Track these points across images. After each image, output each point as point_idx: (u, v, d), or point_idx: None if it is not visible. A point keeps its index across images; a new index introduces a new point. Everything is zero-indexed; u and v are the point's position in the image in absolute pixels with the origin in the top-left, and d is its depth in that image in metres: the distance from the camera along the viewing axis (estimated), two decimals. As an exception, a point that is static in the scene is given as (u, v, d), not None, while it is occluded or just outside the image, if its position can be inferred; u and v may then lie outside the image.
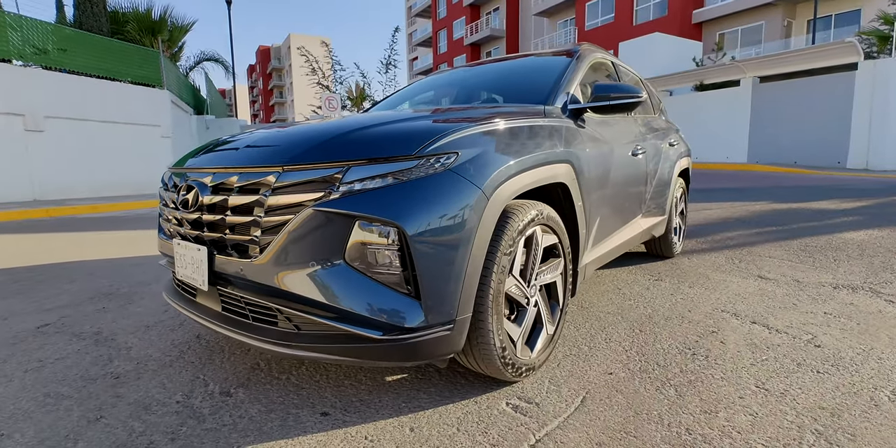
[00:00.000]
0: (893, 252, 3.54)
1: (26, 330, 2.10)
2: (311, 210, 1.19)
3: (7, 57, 8.21)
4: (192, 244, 1.43)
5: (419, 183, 1.21)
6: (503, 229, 1.38)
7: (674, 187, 3.29)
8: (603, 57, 2.68)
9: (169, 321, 2.21)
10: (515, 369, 1.48)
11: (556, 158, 1.66)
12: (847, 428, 1.31)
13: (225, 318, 1.41)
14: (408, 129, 1.35)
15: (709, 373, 1.65)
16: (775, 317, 2.24)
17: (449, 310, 1.24)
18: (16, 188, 8.01)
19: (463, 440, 1.25)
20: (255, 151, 1.41)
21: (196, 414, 1.38)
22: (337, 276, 1.19)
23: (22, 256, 3.86)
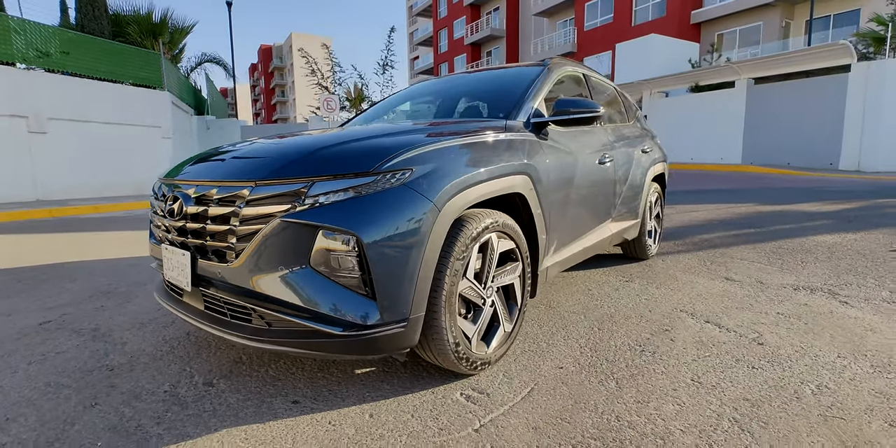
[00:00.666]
0: (862, 255, 3.67)
1: (29, 326, 2.27)
2: (279, 220, 1.35)
3: (11, 60, 8.39)
4: (178, 249, 1.59)
5: (376, 196, 1.36)
6: (456, 237, 1.53)
7: (647, 192, 3.43)
8: (573, 70, 2.82)
9: (162, 319, 2.38)
10: (470, 363, 1.64)
11: (513, 171, 1.81)
12: (763, 417, 1.46)
13: (207, 316, 1.57)
14: (367, 148, 1.51)
15: (651, 367, 1.81)
16: (729, 317, 2.39)
17: (403, 309, 1.39)
18: (19, 189, 8.20)
19: (415, 425, 1.41)
20: (233, 167, 1.57)
21: (180, 401, 1.54)
22: (303, 278, 1.35)
23: (25, 256, 4.03)
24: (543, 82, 2.36)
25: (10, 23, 8.37)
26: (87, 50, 9.48)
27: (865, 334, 2.15)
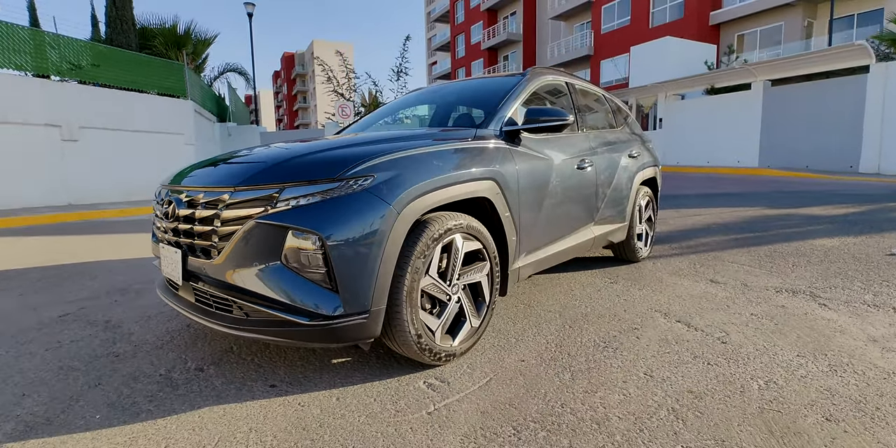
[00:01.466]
0: (856, 258, 3.66)
1: (50, 318, 2.51)
2: (254, 222, 1.52)
3: (46, 73, 8.92)
4: (172, 247, 1.78)
5: (340, 200, 1.53)
6: (418, 237, 1.68)
7: (634, 196, 3.51)
8: (554, 79, 2.95)
9: (168, 313, 2.59)
10: (433, 354, 1.78)
11: (479, 176, 1.95)
12: (701, 407, 1.56)
13: (196, 308, 1.75)
14: (333, 156, 1.67)
15: (609, 362, 1.91)
16: (701, 317, 2.46)
17: (363, 302, 1.55)
18: (53, 193, 8.69)
19: (375, 407, 1.56)
20: (218, 174, 1.75)
21: (172, 383, 1.73)
22: (275, 274, 1.52)
23: (53, 256, 4.34)
24: (518, 93, 2.49)
25: (46, 38, 8.92)
26: (116, 62, 10.00)
27: (833, 335, 2.20)
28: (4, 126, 8.04)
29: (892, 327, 2.28)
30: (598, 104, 3.49)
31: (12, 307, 2.75)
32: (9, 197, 8.06)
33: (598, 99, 3.50)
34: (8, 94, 8.10)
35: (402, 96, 3.41)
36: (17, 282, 3.38)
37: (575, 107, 3.06)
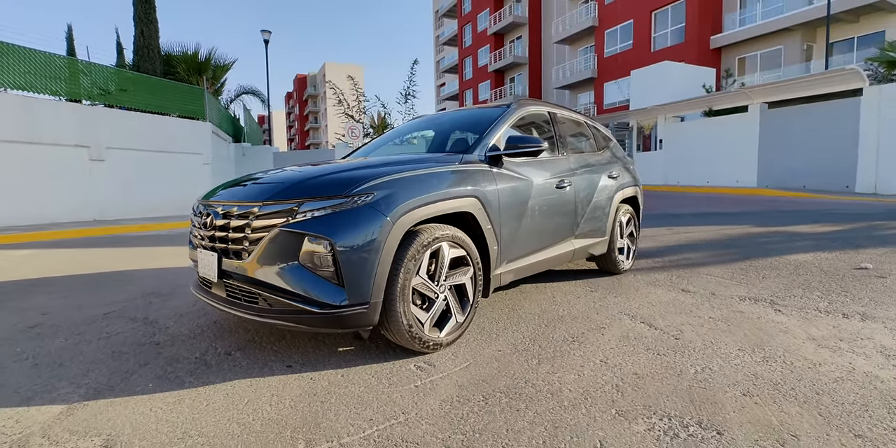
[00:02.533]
0: (824, 272, 3.95)
1: (97, 315, 2.90)
2: (278, 229, 1.91)
3: (78, 97, 9.59)
4: (209, 252, 2.17)
5: (347, 213, 1.91)
6: (410, 244, 2.06)
7: (614, 213, 3.86)
8: (537, 109, 3.36)
9: (197, 312, 2.97)
10: (423, 343, 2.13)
11: (463, 194, 2.34)
12: (640, 385, 1.89)
13: (227, 301, 2.13)
14: (341, 178, 2.07)
15: (573, 352, 2.25)
16: (664, 319, 2.78)
17: (365, 295, 1.92)
18: (80, 210, 9.23)
19: (372, 381, 1.91)
20: (248, 191, 2.16)
21: (207, 363, 2.09)
22: (293, 271, 1.90)
23: (86, 266, 4.77)
24: (501, 122, 2.90)
25: (79, 66, 9.63)
26: (141, 87, 10.69)
27: (777, 335, 2.51)
28: (38, 146, 8.65)
29: (834, 329, 2.57)
30: (580, 130, 3.89)
31: (62, 307, 3.15)
32: (40, 212, 8.61)
33: (580, 126, 3.90)
34: (43, 117, 8.74)
35: (405, 123, 3.84)
36: (60, 287, 3.79)
37: (556, 133, 3.46)
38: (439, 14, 51.57)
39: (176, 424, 1.57)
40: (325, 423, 1.57)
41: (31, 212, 8.47)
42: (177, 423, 1.58)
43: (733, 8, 21.99)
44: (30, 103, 8.59)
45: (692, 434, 1.51)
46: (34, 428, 1.56)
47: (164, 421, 1.60)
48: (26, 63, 8.59)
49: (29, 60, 8.64)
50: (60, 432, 1.53)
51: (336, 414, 1.64)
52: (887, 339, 2.41)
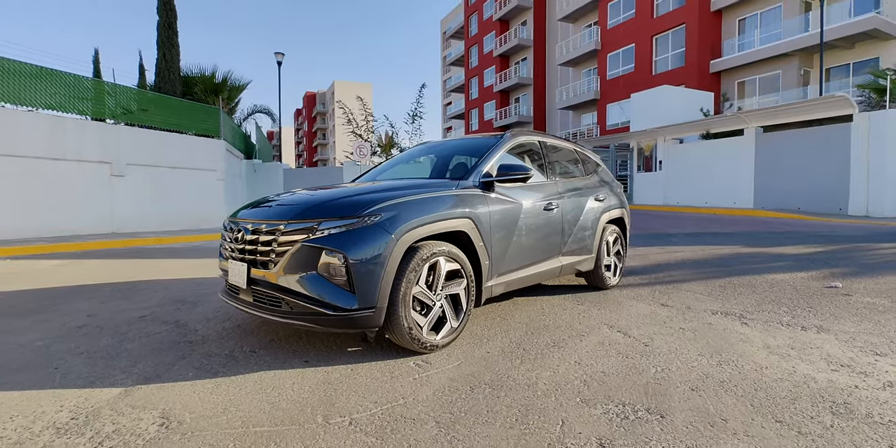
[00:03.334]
0: (796, 289, 4.26)
1: (133, 318, 3.26)
2: (300, 244, 2.28)
3: (102, 117, 10.17)
4: (239, 262, 2.54)
5: (358, 230, 2.29)
6: (411, 258, 2.42)
7: (600, 233, 4.20)
8: (527, 139, 3.75)
9: (221, 317, 3.32)
10: (421, 344, 2.47)
11: (458, 215, 2.71)
12: (605, 381, 2.21)
13: (254, 305, 2.49)
14: (354, 201, 2.45)
15: (552, 355, 2.57)
16: (639, 329, 3.10)
17: (372, 301, 2.27)
18: (100, 222, 9.69)
19: (377, 374, 2.24)
20: (275, 211, 2.54)
21: (235, 359, 2.44)
22: (312, 279, 2.26)
23: (114, 275, 5.15)
24: (495, 152, 3.29)
25: (105, 87, 10.24)
26: (161, 107, 11.29)
27: (737, 343, 2.82)
28: (64, 162, 9.17)
29: (789, 339, 2.89)
30: (569, 157, 4.28)
31: (102, 311, 3.52)
32: (63, 225, 9.06)
33: (568, 153, 4.29)
34: (70, 135, 9.28)
35: (410, 149, 4.25)
36: (96, 294, 4.17)
37: (546, 160, 3.85)
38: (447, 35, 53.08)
39: (217, 403, 1.92)
40: (338, 404, 1.91)
41: (55, 224, 8.93)
42: (217, 402, 1.92)
43: (732, 34, 22.70)
44: (58, 122, 9.15)
45: (639, 417, 1.83)
46: (102, 404, 1.91)
47: (206, 400, 1.94)
48: (57, 85, 9.18)
49: (60, 82, 9.24)
50: (123, 407, 1.88)
51: (347, 397, 1.98)
52: (834, 348, 2.72)
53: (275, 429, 1.70)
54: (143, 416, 1.79)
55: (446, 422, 1.77)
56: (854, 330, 3.05)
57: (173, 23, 12.15)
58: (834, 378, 2.25)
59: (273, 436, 1.64)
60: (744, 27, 22.37)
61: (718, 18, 22.98)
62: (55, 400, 1.94)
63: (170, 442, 1.60)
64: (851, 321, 3.26)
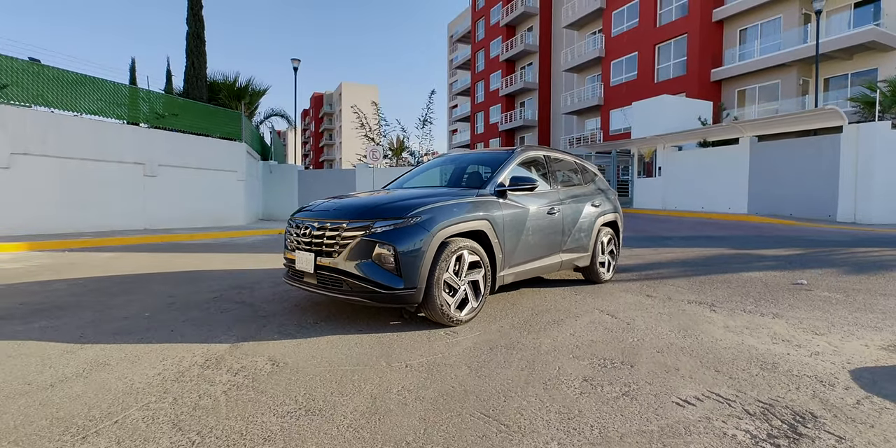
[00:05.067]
0: (766, 285, 4.90)
1: (208, 298, 3.96)
2: (360, 238, 2.97)
3: (137, 121, 10.91)
4: (307, 252, 3.23)
5: (404, 229, 2.97)
6: (443, 250, 3.10)
7: (596, 234, 4.87)
8: (535, 153, 4.43)
9: (279, 299, 4.01)
10: (449, 318, 3.15)
11: (478, 217, 3.39)
12: (593, 346, 2.87)
13: (319, 286, 3.18)
14: (400, 205, 3.13)
15: (552, 329, 3.24)
16: (625, 312, 3.77)
17: (414, 282, 2.95)
18: (134, 219, 10.43)
19: (418, 339, 2.92)
20: (336, 213, 3.23)
21: (304, 327, 3.13)
22: (368, 265, 2.95)
23: (168, 266, 5.85)
24: (506, 165, 3.97)
25: (140, 93, 10.98)
26: (189, 112, 12.03)
27: (702, 323, 3.48)
28: (105, 163, 9.91)
29: (746, 322, 3.53)
30: (570, 168, 4.95)
31: (178, 293, 4.21)
32: (103, 221, 9.80)
33: (569, 164, 4.96)
34: (109, 138, 10.02)
35: (433, 159, 4.95)
36: (164, 280, 4.87)
37: (550, 171, 4.53)
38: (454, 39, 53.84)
39: (304, 353, 2.60)
40: (394, 355, 2.59)
41: (96, 220, 9.67)
42: (305, 353, 2.61)
43: (733, 43, 23.30)
44: (100, 126, 9.89)
45: (614, 366, 2.51)
46: (221, 352, 2.60)
47: (296, 352, 2.63)
48: (98, 91, 9.93)
49: (101, 89, 9.99)
50: (238, 354, 2.56)
51: (399, 352, 2.66)
52: (782, 329, 3.37)
53: (353, 368, 2.38)
54: (256, 360, 2.48)
55: (475, 367, 2.45)
56: (804, 316, 3.69)
57: (201, 33, 12.90)
58: (772, 348, 2.91)
59: (354, 372, 2.33)
60: (745, 37, 22.96)
61: (720, 28, 23.58)
62: (186, 350, 2.63)
63: (284, 373, 2.29)
64: (804, 310, 3.90)
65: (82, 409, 1.84)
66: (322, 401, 1.97)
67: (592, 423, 1.83)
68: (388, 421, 1.81)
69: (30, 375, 2.20)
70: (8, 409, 1.83)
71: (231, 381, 2.18)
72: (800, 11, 21.00)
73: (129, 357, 2.49)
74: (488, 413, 1.89)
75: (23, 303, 3.76)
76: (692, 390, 2.20)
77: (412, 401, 2.00)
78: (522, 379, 2.29)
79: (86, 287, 4.47)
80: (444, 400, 2.01)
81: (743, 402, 2.07)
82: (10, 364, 2.35)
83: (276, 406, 1.91)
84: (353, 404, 1.94)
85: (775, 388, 2.25)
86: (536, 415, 1.89)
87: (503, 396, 2.07)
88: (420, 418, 1.83)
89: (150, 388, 2.07)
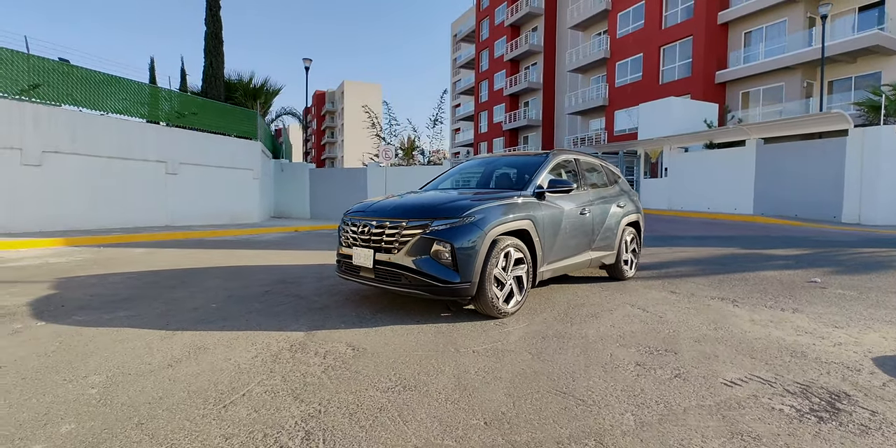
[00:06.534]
0: (781, 283, 5.16)
1: (259, 292, 4.21)
2: (420, 236, 3.22)
3: (158, 120, 11.13)
4: (365, 248, 3.48)
5: (459, 227, 3.22)
6: (493, 248, 3.35)
7: (621, 233, 5.13)
8: (566, 157, 4.68)
9: (328, 292, 4.25)
10: (498, 311, 3.40)
11: (522, 217, 3.64)
12: (636, 336, 3.12)
13: (377, 280, 3.43)
14: (455, 206, 3.38)
15: (592, 321, 3.50)
16: (654, 307, 4.02)
17: (469, 277, 3.20)
18: (156, 216, 10.67)
19: (474, 329, 3.17)
20: (395, 212, 3.48)
21: (364, 318, 3.38)
22: (426, 261, 3.20)
23: (205, 262, 6.09)
24: (544, 168, 4.22)
25: (162, 93, 11.21)
26: (209, 111, 12.26)
27: (729, 317, 3.73)
28: (131, 162, 10.14)
29: (769, 316, 3.79)
30: (596, 171, 5.20)
31: (231, 287, 4.46)
32: (128, 218, 10.04)
33: (596, 167, 5.22)
34: (134, 137, 10.26)
35: (466, 161, 5.20)
36: (210, 275, 5.11)
37: (579, 174, 4.78)
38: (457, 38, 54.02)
39: (377, 341, 2.85)
40: (458, 343, 2.85)
41: (120, 217, 9.91)
42: (377, 340, 2.86)
43: (738, 46, 23.55)
44: (125, 125, 10.12)
45: (659, 353, 2.76)
46: (300, 339, 2.85)
47: (369, 339, 2.88)
48: (123, 91, 10.15)
49: (125, 89, 10.21)
50: (318, 341, 2.82)
51: (462, 340, 2.91)
52: (804, 322, 3.63)
53: (427, 353, 2.63)
54: (336, 345, 2.73)
55: (534, 352, 2.71)
56: (822, 311, 3.95)
57: (219, 33, 13.12)
58: (798, 339, 3.17)
59: (429, 357, 2.58)
60: (749, 40, 23.20)
61: (725, 31, 23.82)
62: (268, 336, 2.89)
63: (367, 357, 2.54)
64: (822, 306, 4.15)
65: (208, 384, 2.09)
66: (413, 379, 2.23)
67: (656, 398, 2.09)
68: (479, 396, 2.06)
69: (144, 357, 2.45)
70: (145, 385, 2.08)
71: (323, 363, 2.43)
72: (805, 15, 21.24)
73: (221, 342, 2.74)
74: (562, 390, 2.15)
75: (93, 295, 4.00)
76: (735, 373, 2.46)
77: (491, 380, 2.25)
78: (582, 363, 2.54)
79: (140, 280, 4.71)
80: (519, 379, 2.26)
81: (783, 384, 2.33)
82: (122, 348, 2.60)
83: (374, 383, 2.17)
84: (442, 382, 2.20)
85: (808, 373, 2.51)
86: (605, 392, 2.14)
87: (570, 377, 2.32)
88: (506, 394, 2.08)
89: (255, 367, 2.33)
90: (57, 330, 2.96)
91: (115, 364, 2.34)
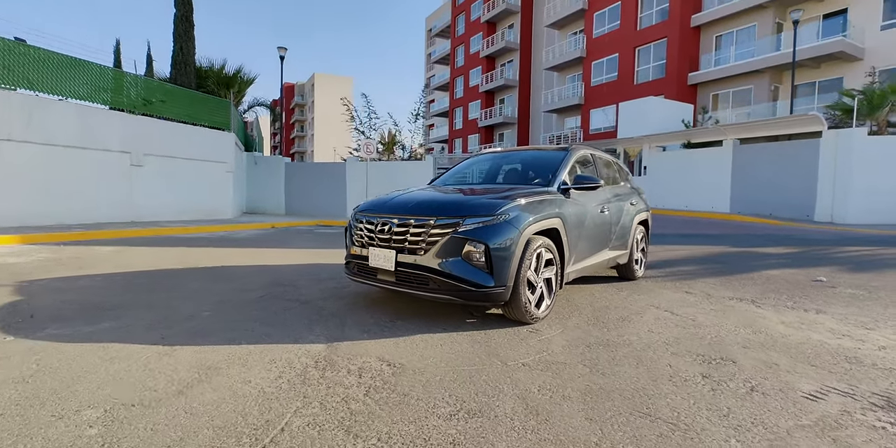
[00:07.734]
0: (789, 282, 5.13)
1: (255, 297, 3.80)
2: (449, 236, 2.91)
3: (122, 107, 10.30)
4: (385, 249, 3.14)
5: (493, 226, 2.93)
6: (527, 248, 3.08)
7: (633, 232, 4.97)
8: (584, 153, 4.46)
9: (332, 296, 3.88)
10: (530, 316, 3.13)
11: (553, 215, 3.38)
12: (680, 343, 2.92)
13: (398, 284, 3.10)
14: (489, 203, 3.08)
15: (627, 326, 3.29)
16: (680, 309, 3.86)
17: (504, 280, 2.92)
18: (120, 210, 9.87)
19: (509, 337, 2.90)
20: (419, 209, 3.14)
21: (383, 326, 3.05)
22: (457, 263, 2.89)
23: (183, 261, 5.57)
24: (566, 163, 3.98)
25: (127, 78, 10.37)
26: (178, 99, 11.46)
27: (758, 319, 3.60)
28: (91, 152, 9.32)
29: (797, 318, 3.68)
30: (610, 168, 5.01)
31: (220, 291, 4.01)
32: (88, 213, 9.23)
33: (610, 164, 5.03)
34: (95, 124, 9.43)
35: (478, 155, 4.91)
36: (192, 276, 4.63)
37: (597, 170, 4.57)
38: (432, 33, 53.45)
39: (411, 353, 2.53)
40: (501, 354, 2.56)
41: (81, 212, 9.10)
42: (411, 353, 2.54)
43: (709, 49, 24.15)
44: (85, 111, 9.29)
45: (717, 362, 2.56)
46: (322, 352, 2.50)
47: (400, 352, 2.56)
48: (85, 75, 9.31)
49: (87, 72, 9.37)
50: (344, 355, 2.47)
51: (504, 351, 2.63)
52: (834, 324, 3.53)
53: (473, 368, 2.34)
54: (367, 360, 2.40)
55: (590, 364, 2.46)
56: (845, 312, 3.88)
57: (189, 15, 12.28)
58: (840, 342, 3.05)
59: (477, 372, 2.29)
60: (720, 43, 23.83)
61: (697, 34, 24.38)
62: (285, 351, 2.52)
63: (408, 374, 2.22)
64: (840, 306, 4.10)
65: (235, 417, 1.73)
66: (474, 402, 1.93)
67: (750, 419, 1.87)
68: (556, 421, 1.79)
69: (145, 381, 2.04)
70: (156, 420, 1.69)
71: (361, 383, 2.10)
72: (773, 20, 21.95)
73: (232, 359, 2.35)
74: (645, 412, 1.90)
75: (64, 301, 3.49)
76: (809, 385, 2.28)
77: (560, 400, 1.98)
78: (645, 377, 2.31)
79: (115, 283, 4.20)
80: (590, 399, 2.00)
81: (863, 395, 2.16)
82: (115, 369, 2.17)
83: (431, 408, 1.86)
84: (508, 405, 1.91)
85: (878, 381, 2.36)
86: (692, 412, 1.91)
87: (643, 394, 2.08)
88: (585, 417, 1.82)
89: (283, 392, 1.97)
90: (30, 347, 2.49)
91: (111, 392, 1.92)
